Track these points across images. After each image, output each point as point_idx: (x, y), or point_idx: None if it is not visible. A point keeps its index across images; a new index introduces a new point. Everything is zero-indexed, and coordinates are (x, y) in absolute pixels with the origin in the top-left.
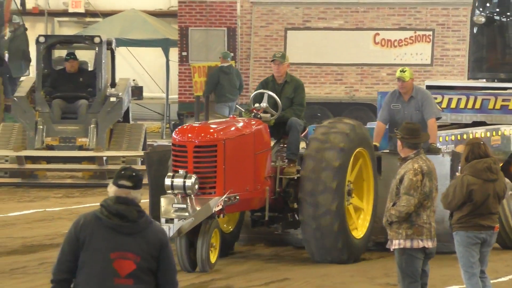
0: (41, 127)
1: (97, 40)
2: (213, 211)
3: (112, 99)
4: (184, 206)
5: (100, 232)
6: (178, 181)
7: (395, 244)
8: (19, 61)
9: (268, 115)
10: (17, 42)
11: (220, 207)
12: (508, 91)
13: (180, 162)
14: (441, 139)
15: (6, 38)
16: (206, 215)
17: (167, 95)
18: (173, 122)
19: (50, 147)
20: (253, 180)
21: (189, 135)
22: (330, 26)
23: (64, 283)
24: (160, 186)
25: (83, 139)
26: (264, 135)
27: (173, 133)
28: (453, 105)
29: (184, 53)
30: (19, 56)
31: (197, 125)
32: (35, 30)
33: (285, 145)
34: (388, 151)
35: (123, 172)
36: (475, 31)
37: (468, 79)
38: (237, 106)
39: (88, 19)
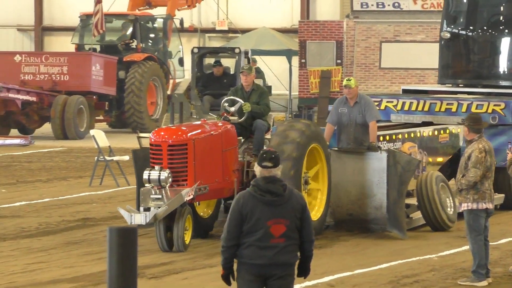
0: (195, 116)
1: (237, 50)
2: (185, 200)
3: None
4: (160, 196)
5: (258, 206)
6: (154, 175)
7: (464, 206)
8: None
9: (236, 117)
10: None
11: (191, 196)
12: (452, 95)
13: (156, 159)
14: (394, 137)
15: (170, 49)
16: (179, 203)
17: (290, 92)
18: (294, 113)
19: None
20: (222, 173)
21: (164, 136)
22: (415, 39)
23: (232, 248)
24: None
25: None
26: (231, 135)
27: (150, 135)
28: (406, 107)
29: (303, 60)
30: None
31: (171, 127)
32: (190, 43)
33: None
34: (336, 148)
35: (264, 155)
36: (443, 44)
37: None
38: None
39: (230, 35)
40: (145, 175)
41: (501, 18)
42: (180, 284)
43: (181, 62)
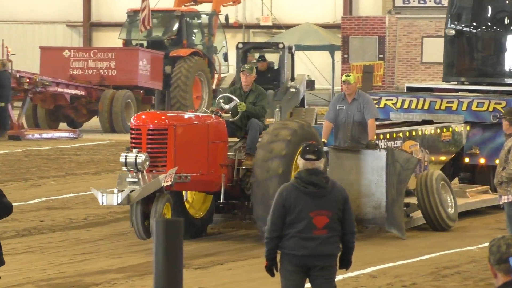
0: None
1: (281, 46)
2: (162, 185)
3: (292, 89)
4: (136, 180)
5: (301, 198)
6: (130, 158)
7: (504, 198)
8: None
9: (229, 115)
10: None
11: (170, 182)
12: (453, 93)
13: (136, 144)
14: (394, 135)
15: (215, 45)
16: (155, 188)
17: (333, 86)
18: None
19: None
20: (207, 165)
21: (144, 120)
22: None
23: (275, 239)
24: None
25: (271, 120)
26: (219, 129)
27: (132, 119)
28: (405, 105)
29: (346, 55)
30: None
31: (153, 112)
32: (235, 39)
33: None
34: (333, 146)
35: (307, 148)
36: (447, 41)
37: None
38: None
39: (274, 30)
40: (122, 158)
41: (506, 15)
42: (225, 274)
43: (225, 57)
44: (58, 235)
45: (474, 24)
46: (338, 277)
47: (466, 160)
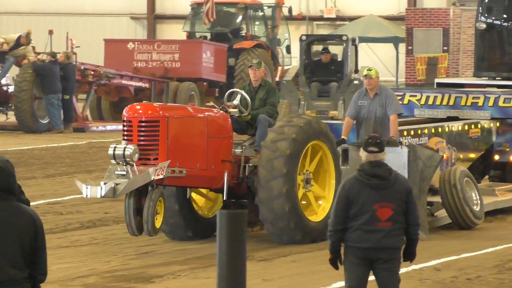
0: (302, 103)
1: (344, 38)
2: (152, 179)
3: (355, 82)
4: (125, 173)
5: (364, 190)
6: (119, 151)
7: None
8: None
9: (236, 110)
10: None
11: (161, 176)
12: (479, 89)
13: (127, 136)
14: (419, 132)
15: (278, 37)
16: (144, 181)
17: (397, 78)
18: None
19: None
20: (206, 160)
21: (136, 111)
22: None
23: (339, 232)
24: None
25: (334, 112)
26: (222, 124)
27: (124, 111)
28: (430, 102)
29: (410, 47)
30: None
31: (146, 103)
32: (298, 31)
33: None
34: (356, 143)
35: (370, 140)
36: (478, 35)
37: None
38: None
39: (338, 22)
40: (110, 150)
41: None
42: (289, 267)
43: (288, 49)
44: (122, 227)
45: (506, 17)
46: (402, 270)
47: (496, 157)
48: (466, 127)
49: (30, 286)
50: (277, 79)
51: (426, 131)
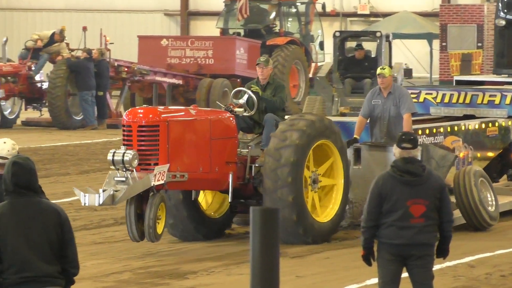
0: (336, 99)
1: (378, 34)
2: (152, 184)
3: None
4: (124, 179)
5: (397, 187)
6: (118, 156)
7: None
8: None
9: (242, 110)
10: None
11: (162, 181)
12: (495, 86)
13: (127, 141)
14: (435, 130)
15: (311, 33)
16: (144, 187)
17: (431, 75)
18: None
19: (343, 114)
20: (209, 162)
21: (135, 116)
22: None
23: (372, 228)
24: None
25: None
26: (226, 125)
27: (124, 115)
28: (446, 100)
29: (444, 44)
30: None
31: (146, 107)
32: (332, 27)
33: None
34: (369, 143)
35: (403, 137)
36: (497, 32)
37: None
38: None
39: (372, 19)
40: (109, 156)
41: None
42: (322, 263)
43: (321, 46)
44: None
45: None
46: (436, 267)
47: None
48: (483, 126)
49: (63, 281)
50: (310, 75)
51: (441, 129)
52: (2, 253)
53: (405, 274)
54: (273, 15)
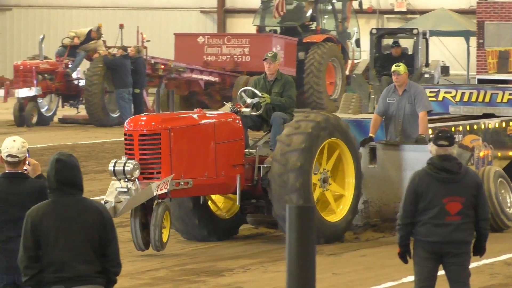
0: (372, 96)
1: (415, 31)
2: (155, 194)
3: (426, 75)
4: (126, 189)
5: (433, 184)
6: (119, 167)
7: None
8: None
9: (249, 110)
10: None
11: (165, 190)
12: None
13: (129, 150)
14: (453, 129)
15: (348, 31)
16: (146, 198)
17: (468, 72)
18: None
19: None
20: (214, 167)
21: (136, 125)
22: None
23: (408, 226)
24: None
25: None
26: (231, 127)
27: (125, 123)
28: (465, 98)
29: (481, 41)
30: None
31: (148, 115)
32: (369, 25)
33: None
34: (384, 142)
35: (440, 134)
36: None
37: None
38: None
39: (408, 16)
40: (110, 166)
41: None
42: (358, 261)
43: (357, 43)
44: None
45: None
46: (473, 264)
47: None
48: (504, 124)
49: (104, 280)
50: (347, 73)
51: (460, 128)
52: (43, 252)
53: (441, 272)
54: (309, 12)
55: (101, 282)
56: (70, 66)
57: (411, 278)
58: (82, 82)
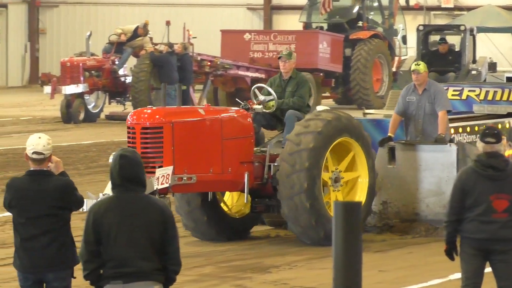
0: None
1: (462, 28)
2: (155, 188)
3: (473, 72)
4: None
5: (480, 181)
6: None
7: None
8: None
9: (261, 107)
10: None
11: (166, 185)
12: None
13: (131, 143)
14: (476, 128)
15: (395, 27)
16: (148, 191)
17: None
18: None
19: None
20: (221, 163)
21: (139, 118)
22: None
23: (454, 223)
24: None
25: None
26: (240, 124)
27: (128, 116)
28: (489, 97)
29: None
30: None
31: (152, 108)
32: (415, 21)
33: None
34: (403, 141)
35: (487, 131)
36: None
37: None
38: (237, 99)
39: (455, 12)
40: (111, 158)
41: None
42: (405, 258)
43: (404, 39)
44: None
45: None
46: None
47: None
48: None
49: (163, 278)
50: (393, 69)
51: (484, 127)
52: (103, 247)
53: (488, 269)
54: (356, 9)
55: (160, 279)
56: (116, 63)
57: (458, 275)
58: (128, 79)
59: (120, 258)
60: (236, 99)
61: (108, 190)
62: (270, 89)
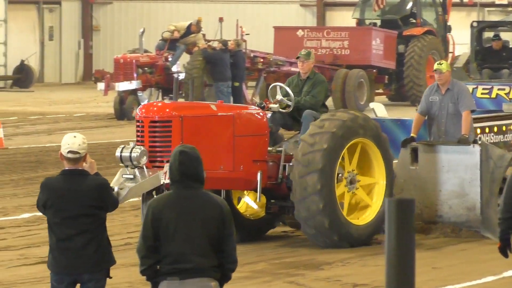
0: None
1: None
2: (162, 183)
3: None
4: (132, 176)
5: None
6: (126, 153)
7: None
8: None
9: (277, 106)
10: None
11: None
12: None
13: (140, 137)
14: (504, 128)
15: (448, 23)
16: (153, 186)
17: None
18: None
19: None
20: (232, 160)
21: (148, 111)
22: None
23: (508, 220)
24: None
25: None
26: (254, 121)
27: (137, 110)
28: None
29: None
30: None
31: (162, 102)
32: (469, 17)
33: None
34: (425, 142)
35: None
36: None
37: None
38: (253, 98)
39: (510, 9)
40: (117, 152)
41: None
42: (458, 255)
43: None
44: None
45: None
46: None
47: None
48: None
49: (218, 275)
50: None
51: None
52: (161, 243)
53: None
54: (410, 5)
55: (215, 276)
56: (170, 59)
57: None
58: (181, 76)
59: (178, 254)
60: (252, 97)
61: (113, 184)
62: (288, 89)
